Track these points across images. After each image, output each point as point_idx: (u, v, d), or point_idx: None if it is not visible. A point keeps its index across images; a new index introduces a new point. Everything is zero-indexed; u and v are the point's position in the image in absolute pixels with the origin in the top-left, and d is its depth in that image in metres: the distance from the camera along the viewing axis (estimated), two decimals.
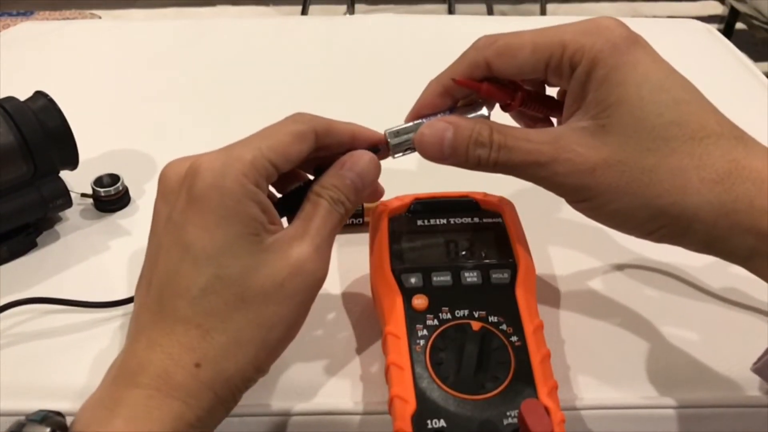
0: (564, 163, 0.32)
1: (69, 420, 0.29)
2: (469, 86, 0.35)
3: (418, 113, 0.37)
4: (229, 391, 0.30)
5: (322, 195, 0.33)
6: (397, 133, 0.36)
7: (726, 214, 0.30)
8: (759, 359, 0.36)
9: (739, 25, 2.22)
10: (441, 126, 0.34)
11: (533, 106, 0.37)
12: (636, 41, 0.32)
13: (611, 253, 0.46)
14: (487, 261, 0.38)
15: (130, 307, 0.40)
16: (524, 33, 0.34)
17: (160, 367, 0.28)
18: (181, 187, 0.31)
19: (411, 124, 0.36)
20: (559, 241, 0.47)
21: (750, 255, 0.31)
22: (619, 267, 0.45)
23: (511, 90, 0.36)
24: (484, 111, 0.36)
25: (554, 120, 0.38)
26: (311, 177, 0.36)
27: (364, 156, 0.35)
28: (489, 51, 0.35)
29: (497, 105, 0.37)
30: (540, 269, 0.38)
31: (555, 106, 0.37)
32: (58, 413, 0.29)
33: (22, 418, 0.29)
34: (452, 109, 0.37)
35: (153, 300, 0.30)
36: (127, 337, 0.31)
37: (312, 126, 0.33)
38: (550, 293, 0.43)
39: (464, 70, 0.36)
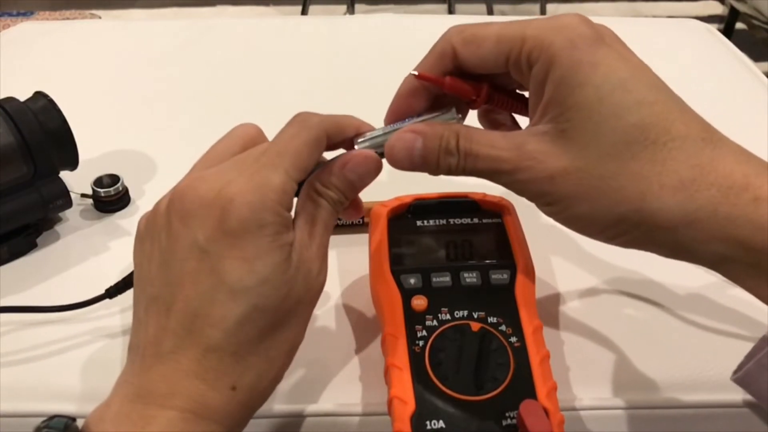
0: (524, 171, 0.31)
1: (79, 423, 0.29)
2: (432, 81, 0.34)
3: (392, 116, 0.36)
4: (260, 403, 0.31)
5: (323, 195, 0.33)
6: (365, 142, 0.35)
7: (689, 223, 0.29)
8: (739, 368, 0.35)
9: (739, 25, 2.22)
10: (410, 137, 0.33)
11: (500, 103, 0.36)
12: (599, 39, 0.31)
13: (611, 254, 0.46)
14: (486, 262, 0.38)
15: (112, 307, 0.41)
16: (493, 24, 0.33)
17: (195, 391, 0.29)
18: (208, 214, 0.30)
19: (380, 131, 0.35)
20: (558, 241, 0.47)
21: (720, 261, 0.30)
22: (619, 268, 0.45)
23: (475, 85, 0.35)
24: (453, 113, 0.35)
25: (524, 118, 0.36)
26: None
27: (368, 158, 0.34)
28: (456, 39, 0.34)
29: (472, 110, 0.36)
30: (539, 270, 0.38)
31: (524, 104, 0.35)
32: (72, 418, 0.29)
33: (40, 423, 0.28)
34: (422, 113, 0.36)
35: (179, 325, 0.29)
36: (139, 353, 0.30)
37: (323, 128, 0.33)
38: (549, 294, 0.43)
39: (433, 61, 0.35)
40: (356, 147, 0.35)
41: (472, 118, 0.37)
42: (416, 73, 0.35)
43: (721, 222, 0.29)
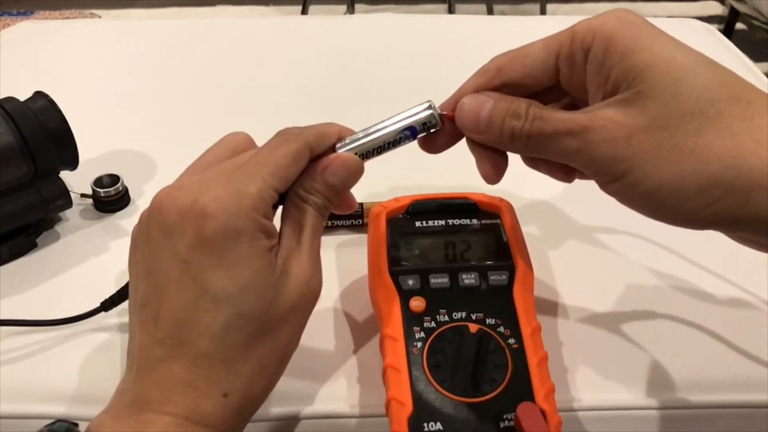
0: (598, 131, 0.29)
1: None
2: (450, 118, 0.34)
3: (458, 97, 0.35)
4: (254, 409, 0.31)
5: (307, 201, 0.33)
6: (345, 146, 0.34)
7: None
8: None
9: (739, 26, 2.22)
10: (481, 98, 0.33)
11: None
12: (647, 21, 0.30)
13: (609, 255, 0.46)
14: (485, 263, 0.38)
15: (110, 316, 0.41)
16: (534, 42, 0.33)
17: (188, 398, 0.29)
18: (186, 223, 0.30)
19: (360, 134, 0.35)
20: (557, 242, 0.47)
21: None
22: (617, 269, 0.45)
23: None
24: (430, 106, 0.35)
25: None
26: None
27: (348, 160, 0.34)
28: (501, 59, 0.34)
29: None
30: (538, 271, 0.38)
31: None
32: (74, 423, 0.29)
33: (43, 427, 0.29)
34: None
35: (167, 335, 0.30)
36: (135, 361, 0.30)
37: (304, 141, 0.33)
38: (548, 295, 0.43)
39: (474, 81, 0.34)
40: (337, 151, 0.34)
41: None
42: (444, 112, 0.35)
43: None
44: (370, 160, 0.35)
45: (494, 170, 0.35)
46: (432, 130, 0.35)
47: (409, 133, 0.35)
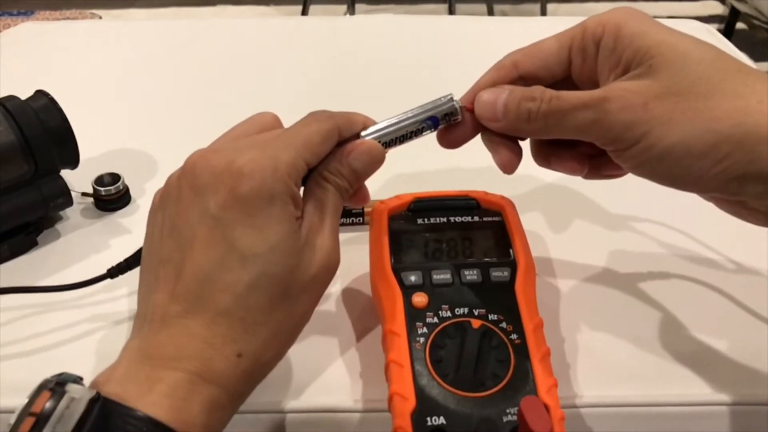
0: (615, 101, 0.31)
1: None
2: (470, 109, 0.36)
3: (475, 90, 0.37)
4: (262, 375, 0.32)
5: (329, 181, 0.34)
6: (369, 134, 0.36)
7: None
8: None
9: (740, 25, 2.22)
10: (498, 89, 0.35)
11: None
12: (649, 15, 0.34)
13: (611, 251, 0.46)
14: (487, 259, 0.38)
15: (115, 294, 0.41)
16: (547, 37, 0.36)
17: (202, 355, 0.29)
18: (219, 182, 0.31)
19: (384, 124, 0.36)
20: (559, 239, 0.47)
21: None
22: (619, 265, 0.45)
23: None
24: (452, 99, 0.36)
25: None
26: None
27: (373, 147, 0.35)
28: (516, 54, 0.37)
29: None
30: (540, 267, 0.38)
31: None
32: (79, 377, 0.29)
33: (51, 377, 0.28)
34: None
35: (187, 290, 0.30)
36: (147, 319, 0.31)
37: (334, 123, 0.34)
38: (550, 291, 0.43)
39: (492, 74, 0.37)
40: (362, 138, 0.36)
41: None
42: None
43: None
44: (390, 150, 0.36)
45: (510, 160, 0.36)
46: (452, 120, 0.36)
47: (431, 123, 0.36)
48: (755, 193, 0.31)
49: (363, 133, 0.36)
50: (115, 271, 0.40)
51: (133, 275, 0.38)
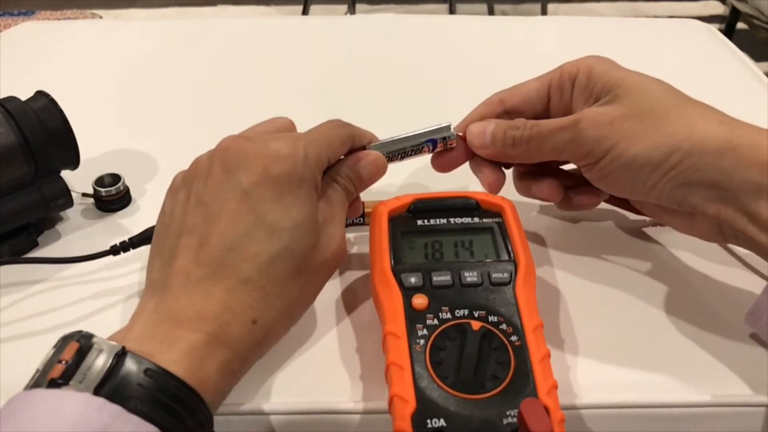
0: (586, 121, 0.38)
1: None
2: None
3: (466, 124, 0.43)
4: (268, 347, 0.34)
5: (338, 182, 0.38)
6: (375, 147, 0.41)
7: (732, 148, 0.35)
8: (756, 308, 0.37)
9: (740, 25, 2.22)
10: (485, 123, 0.42)
11: None
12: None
13: (611, 252, 0.46)
14: (487, 260, 0.38)
15: (116, 296, 0.42)
16: (529, 80, 0.43)
17: (221, 318, 0.31)
18: (253, 163, 0.33)
19: (389, 139, 0.41)
20: (559, 240, 0.47)
21: (757, 192, 0.34)
22: (619, 267, 0.45)
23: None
24: (449, 127, 0.42)
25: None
26: None
27: (379, 158, 0.40)
28: (502, 93, 0.43)
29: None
30: (540, 269, 0.38)
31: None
32: (90, 334, 0.29)
33: (73, 334, 0.29)
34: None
35: (211, 258, 0.32)
36: (162, 285, 0.32)
37: (350, 132, 0.39)
38: (550, 293, 0.43)
39: (481, 109, 0.43)
40: (368, 149, 0.41)
41: None
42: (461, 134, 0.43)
43: (760, 150, 0.34)
44: (391, 165, 0.41)
45: (495, 180, 0.42)
46: (448, 144, 0.42)
47: (430, 144, 0.42)
48: (700, 200, 0.36)
49: (369, 146, 0.40)
50: (118, 249, 0.41)
51: (137, 254, 0.40)
